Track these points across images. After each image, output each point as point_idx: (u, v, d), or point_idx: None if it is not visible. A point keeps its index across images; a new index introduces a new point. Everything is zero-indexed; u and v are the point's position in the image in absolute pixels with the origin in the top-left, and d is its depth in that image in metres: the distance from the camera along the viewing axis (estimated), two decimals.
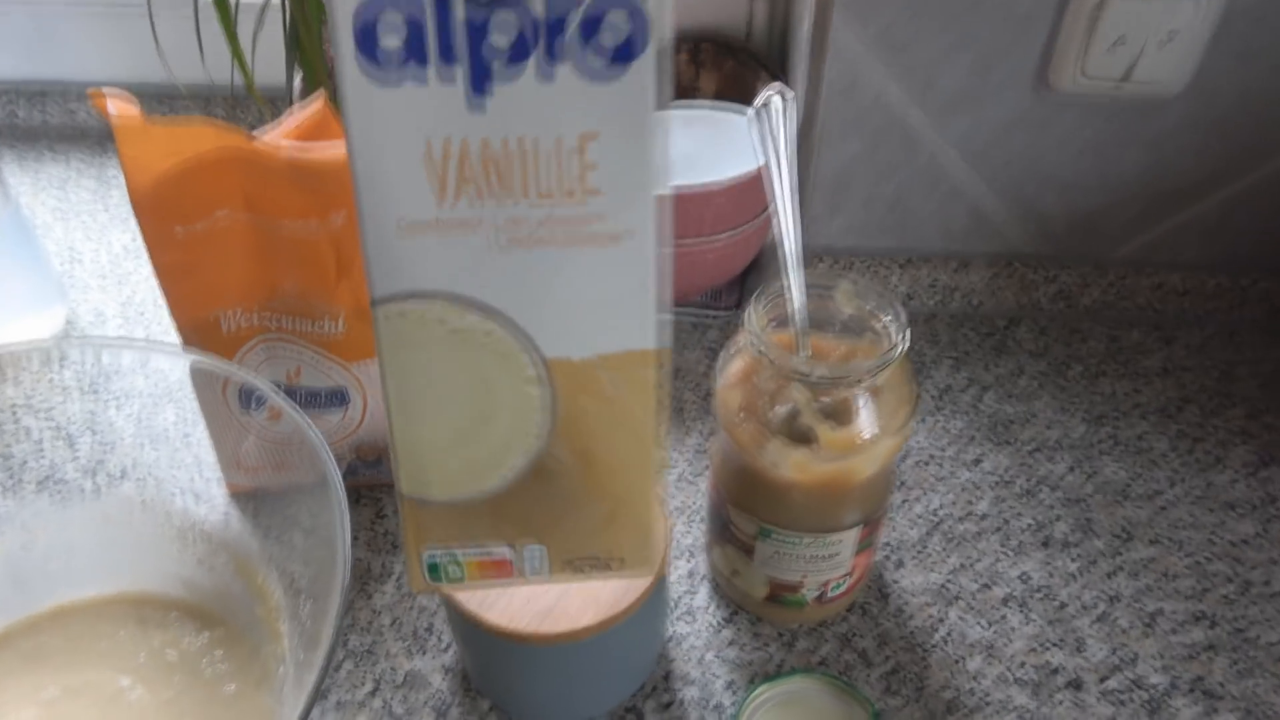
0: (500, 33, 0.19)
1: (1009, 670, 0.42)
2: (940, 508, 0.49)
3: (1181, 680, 0.42)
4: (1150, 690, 0.41)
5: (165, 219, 0.38)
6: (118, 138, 0.35)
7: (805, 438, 0.36)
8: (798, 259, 0.37)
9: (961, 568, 0.46)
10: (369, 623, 0.43)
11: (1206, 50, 0.51)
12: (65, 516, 0.40)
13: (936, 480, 0.51)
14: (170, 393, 0.42)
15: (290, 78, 0.57)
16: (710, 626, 0.44)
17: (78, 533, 0.40)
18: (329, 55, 0.55)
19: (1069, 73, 0.51)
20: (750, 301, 0.37)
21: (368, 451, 0.46)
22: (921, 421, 0.54)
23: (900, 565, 0.46)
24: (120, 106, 0.36)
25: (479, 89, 0.20)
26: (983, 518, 0.49)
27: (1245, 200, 0.57)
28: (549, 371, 0.23)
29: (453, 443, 0.24)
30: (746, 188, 0.53)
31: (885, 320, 0.37)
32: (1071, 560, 0.47)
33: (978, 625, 0.44)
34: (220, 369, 0.38)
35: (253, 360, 0.43)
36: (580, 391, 0.23)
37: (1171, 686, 0.42)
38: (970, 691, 0.41)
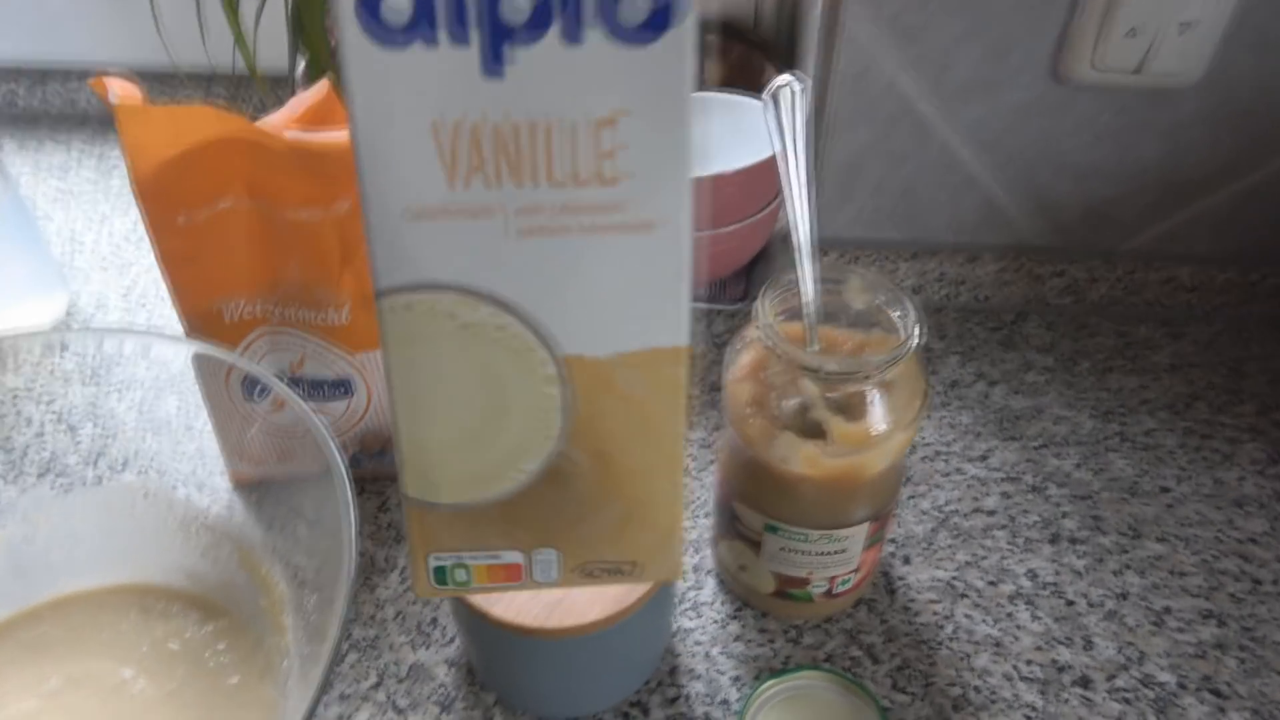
0: (513, 7, 0.17)
1: (1017, 667, 0.42)
2: (947, 503, 0.49)
3: (1190, 679, 0.42)
4: (1158, 689, 0.41)
5: (168, 206, 0.37)
6: (120, 123, 0.35)
7: (815, 432, 0.36)
8: (810, 250, 0.37)
9: (969, 564, 0.46)
10: (372, 615, 0.43)
11: (1222, 41, 0.50)
12: (67, 506, 0.40)
13: (943, 475, 0.51)
14: (173, 381, 0.42)
15: (293, 62, 0.56)
16: (716, 621, 0.43)
17: (80, 523, 0.40)
18: (332, 38, 0.55)
19: (1083, 62, 0.51)
20: (760, 294, 0.37)
21: (372, 442, 0.46)
22: (929, 416, 0.54)
23: (907, 561, 0.46)
24: (122, 91, 0.36)
25: (495, 55, 0.18)
26: (990, 513, 0.49)
27: (1257, 194, 0.57)
28: (566, 370, 0.22)
29: (462, 445, 0.23)
30: (755, 177, 0.52)
31: (897, 315, 0.37)
32: (1079, 557, 0.47)
33: (985, 622, 0.43)
34: (223, 358, 0.38)
35: (256, 350, 0.42)
36: (600, 391, 0.22)
37: (1180, 685, 0.41)
38: (978, 689, 0.41)
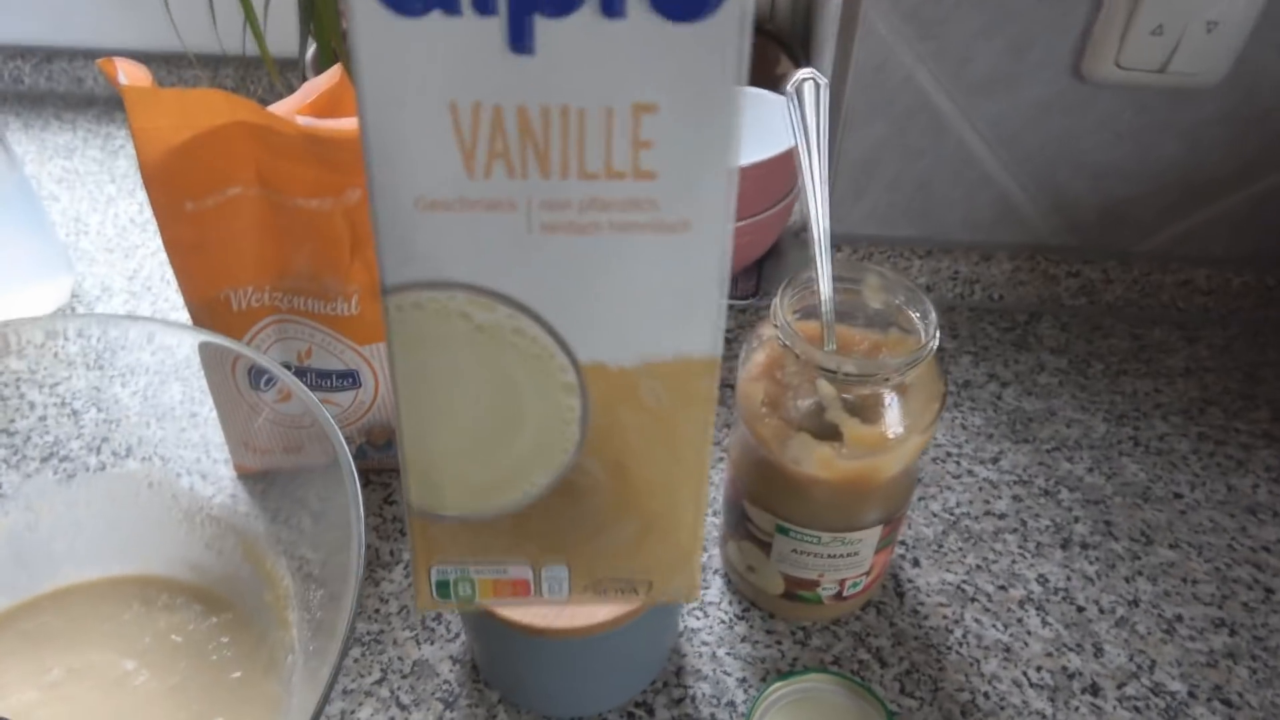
0: None
1: (1026, 673, 0.41)
2: (958, 505, 0.49)
3: (1200, 688, 0.41)
4: (1169, 697, 0.41)
5: (176, 193, 0.36)
6: (128, 108, 0.34)
7: (830, 433, 0.35)
8: (828, 248, 0.36)
9: (979, 567, 0.46)
10: (376, 610, 0.43)
11: (1247, 42, 0.49)
12: (70, 495, 0.40)
13: (954, 477, 0.50)
14: (177, 369, 0.41)
15: (303, 46, 0.56)
16: (723, 621, 0.43)
17: (83, 512, 0.39)
18: (344, 20, 0.54)
19: (1106, 60, 0.50)
20: (778, 292, 0.36)
21: (379, 435, 0.45)
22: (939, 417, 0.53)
23: (917, 563, 0.46)
24: (131, 73, 0.35)
25: (524, 27, 0.16)
26: (1001, 516, 0.48)
27: (1276, 197, 0.56)
28: (586, 378, 0.20)
29: (471, 454, 0.21)
30: (768, 172, 0.51)
31: (914, 316, 0.36)
32: (1090, 562, 0.46)
33: (995, 627, 0.43)
34: (230, 347, 0.37)
35: (263, 340, 0.42)
36: (621, 402, 0.20)
37: (1190, 694, 0.41)
38: (986, 694, 0.41)
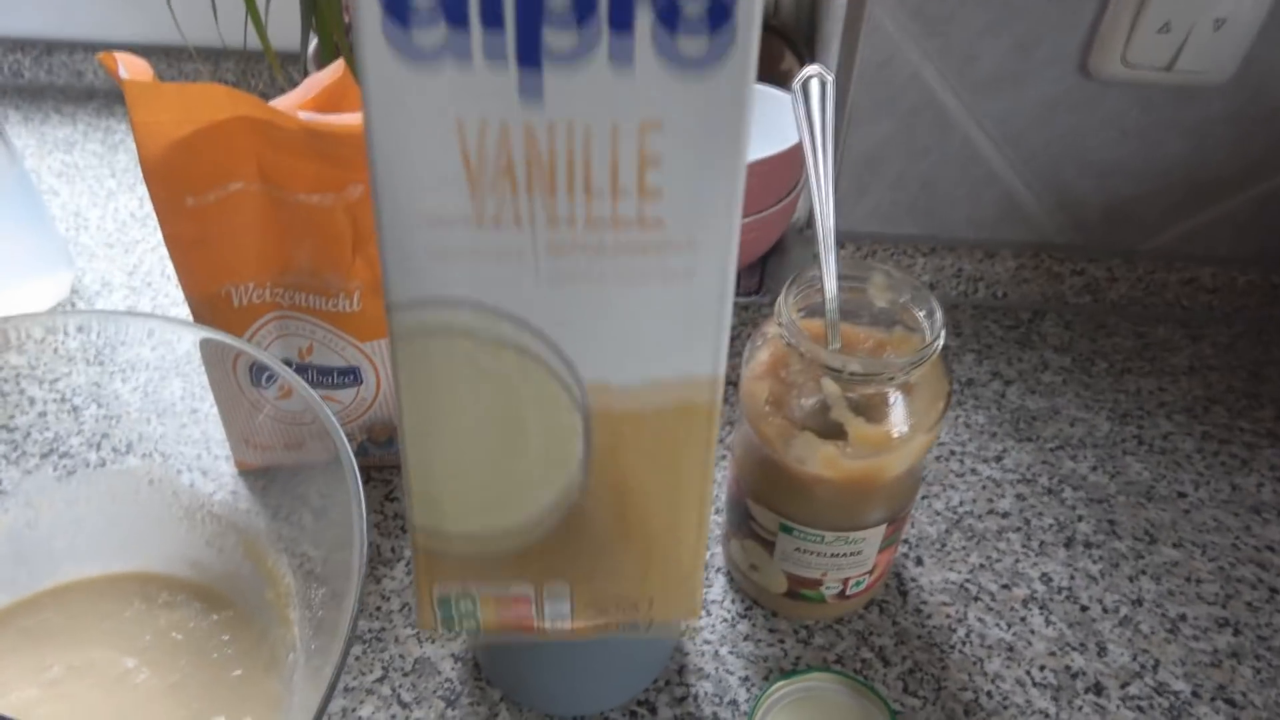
0: (556, 23, 0.16)
1: (1029, 673, 0.41)
2: (961, 504, 0.48)
3: (1204, 688, 0.41)
4: (1172, 697, 0.41)
5: (177, 188, 0.36)
6: (129, 102, 0.34)
7: (834, 432, 0.35)
8: (833, 246, 0.36)
9: (982, 566, 0.45)
10: (378, 607, 0.42)
11: (1255, 40, 0.49)
12: (70, 491, 0.39)
13: (957, 475, 0.50)
14: (178, 365, 0.41)
15: (305, 41, 0.55)
16: (725, 620, 0.43)
17: (83, 509, 0.39)
18: (347, 15, 0.54)
19: (1113, 58, 0.50)
20: (783, 290, 0.36)
21: (380, 432, 0.45)
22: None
23: (920, 562, 0.46)
24: (132, 67, 0.35)
25: (530, 60, 0.16)
26: (1004, 515, 0.48)
27: None
28: (589, 396, 0.20)
29: (474, 471, 0.21)
30: (774, 168, 0.51)
31: (920, 314, 0.36)
32: (1094, 562, 0.46)
33: (998, 626, 0.43)
34: (231, 344, 0.37)
35: (264, 336, 0.41)
36: (624, 420, 0.21)
37: (1194, 694, 0.41)
38: (989, 694, 0.40)
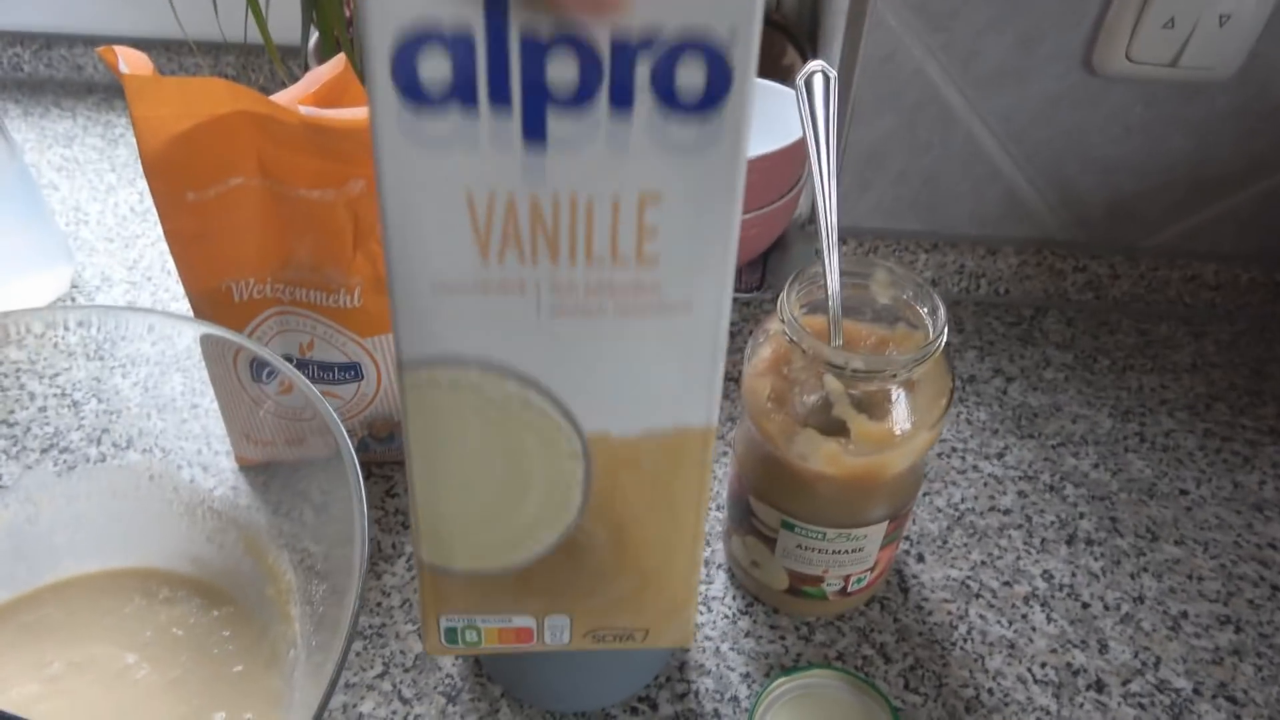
0: (559, 73, 0.17)
1: (1031, 670, 0.41)
2: (962, 501, 0.48)
3: (1205, 685, 0.41)
4: (1173, 694, 0.41)
5: (177, 183, 0.36)
6: (129, 96, 0.34)
7: (837, 429, 0.35)
8: (836, 242, 0.36)
9: (983, 563, 0.45)
10: (379, 603, 0.42)
11: (1260, 36, 0.49)
12: (71, 488, 0.39)
13: (959, 472, 0.50)
14: (178, 360, 0.41)
15: (305, 35, 0.55)
16: (726, 616, 0.43)
17: (84, 504, 0.39)
18: (347, 9, 0.53)
19: (1117, 53, 0.50)
20: (785, 287, 0.36)
21: (381, 428, 0.45)
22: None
23: (921, 559, 0.45)
24: (132, 61, 0.35)
25: (534, 135, 0.17)
26: (1006, 512, 0.48)
27: None
28: (589, 446, 0.21)
29: (480, 515, 0.22)
30: (776, 164, 0.51)
31: (923, 311, 0.36)
32: (1095, 559, 0.46)
33: (999, 623, 0.43)
34: (231, 339, 0.37)
35: (265, 331, 0.41)
36: (622, 467, 0.22)
37: (1195, 691, 0.41)
38: (991, 691, 0.40)
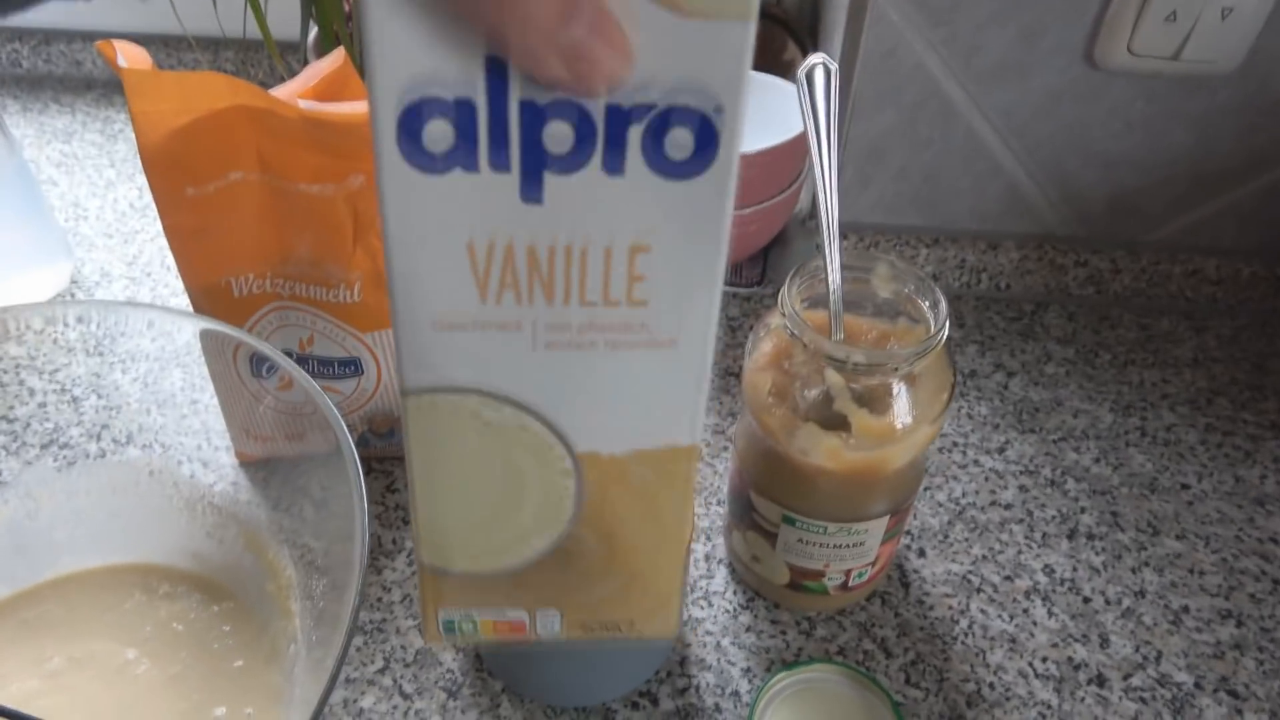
0: (556, 136, 0.18)
1: (1032, 664, 0.41)
2: (963, 495, 0.48)
3: (1207, 679, 0.41)
4: (1175, 688, 0.41)
5: (176, 178, 0.36)
6: (128, 91, 0.34)
7: (838, 424, 0.35)
8: (837, 236, 0.36)
9: (985, 558, 0.45)
10: (379, 598, 0.42)
11: (1262, 30, 0.49)
12: (70, 483, 0.39)
13: (960, 467, 0.50)
14: (178, 356, 0.41)
15: (305, 31, 0.55)
16: (727, 611, 0.43)
17: (84, 500, 0.39)
18: (346, 3, 0.53)
19: (1119, 47, 0.49)
20: (786, 281, 0.36)
21: (381, 423, 0.45)
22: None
23: (922, 554, 0.45)
24: (131, 57, 0.35)
25: (535, 182, 0.19)
26: (1007, 507, 0.48)
27: None
28: (581, 464, 0.23)
29: (478, 525, 0.24)
30: (777, 159, 0.51)
31: (924, 305, 0.36)
32: (1097, 553, 0.46)
33: (1000, 617, 0.43)
34: (231, 334, 0.37)
35: (265, 327, 0.41)
36: (611, 482, 0.23)
37: (1196, 685, 0.41)
38: (992, 685, 0.40)
